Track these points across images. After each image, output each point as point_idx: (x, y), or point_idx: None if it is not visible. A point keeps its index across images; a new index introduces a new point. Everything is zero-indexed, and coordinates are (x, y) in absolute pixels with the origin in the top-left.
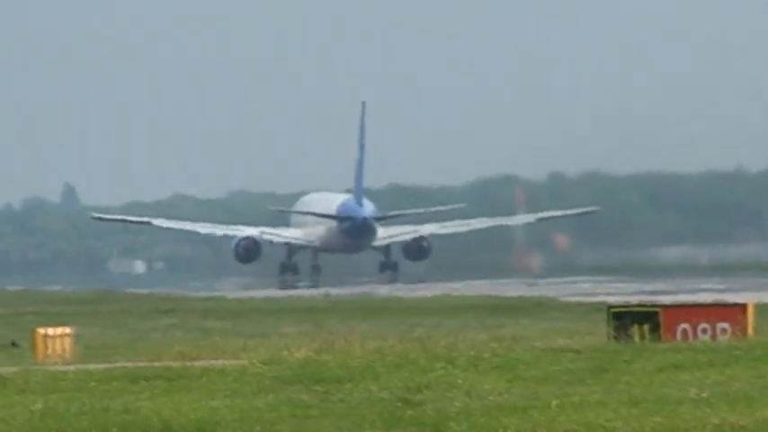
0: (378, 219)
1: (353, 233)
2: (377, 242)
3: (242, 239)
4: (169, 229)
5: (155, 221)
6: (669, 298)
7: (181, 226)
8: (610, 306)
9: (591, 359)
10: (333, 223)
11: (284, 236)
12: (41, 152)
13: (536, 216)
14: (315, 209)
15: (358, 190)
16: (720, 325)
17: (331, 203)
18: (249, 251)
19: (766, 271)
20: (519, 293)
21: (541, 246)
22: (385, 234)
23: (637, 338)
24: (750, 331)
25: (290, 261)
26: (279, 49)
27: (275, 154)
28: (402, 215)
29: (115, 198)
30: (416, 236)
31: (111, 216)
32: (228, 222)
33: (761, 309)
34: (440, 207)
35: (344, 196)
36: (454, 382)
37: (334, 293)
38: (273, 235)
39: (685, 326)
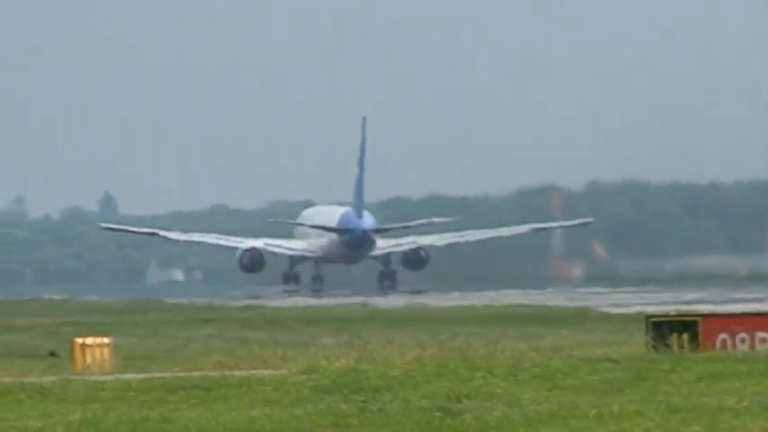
0: (377, 231)
1: (353, 244)
2: (376, 252)
3: (246, 250)
4: (176, 241)
5: (161, 233)
6: (707, 307)
7: (186, 237)
8: (648, 316)
9: (629, 369)
10: (334, 235)
11: (287, 247)
12: (80, 162)
13: (530, 227)
14: (317, 221)
15: (358, 203)
16: (760, 334)
17: (332, 216)
18: (254, 261)
19: None
20: (557, 303)
21: (579, 255)
22: (384, 245)
23: (675, 348)
24: None
25: (293, 271)
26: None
27: (312, 163)
28: (402, 227)
29: (154, 208)
30: (414, 246)
31: (118, 227)
32: (268, 233)
33: None
34: (442, 219)
35: (345, 209)
36: (494, 392)
37: (372, 303)
38: (276, 246)
39: (724, 335)
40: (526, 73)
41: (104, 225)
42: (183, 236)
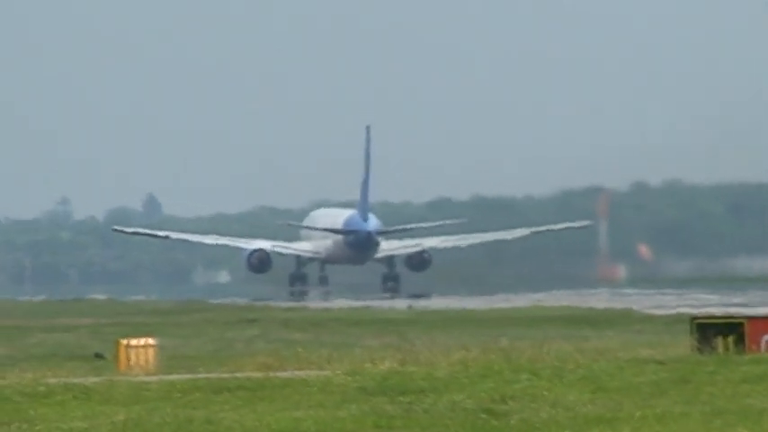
0: (381, 233)
1: (358, 246)
2: (380, 254)
3: (254, 251)
4: (189, 243)
5: (173, 235)
6: (753, 309)
7: (199, 239)
8: (693, 317)
9: (674, 370)
10: (339, 237)
11: (293, 248)
12: (124, 164)
13: (531, 230)
14: (322, 223)
15: (363, 205)
16: None
17: (337, 218)
18: (262, 262)
19: None
20: (601, 304)
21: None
22: (388, 247)
23: (720, 350)
24: None
25: (299, 272)
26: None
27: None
28: (405, 230)
29: (199, 209)
30: (418, 249)
31: (130, 229)
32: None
33: None
34: (444, 221)
35: (350, 211)
36: (539, 394)
37: (417, 305)
38: (283, 247)
39: None
40: (571, 73)
41: (115, 227)
42: (194, 237)
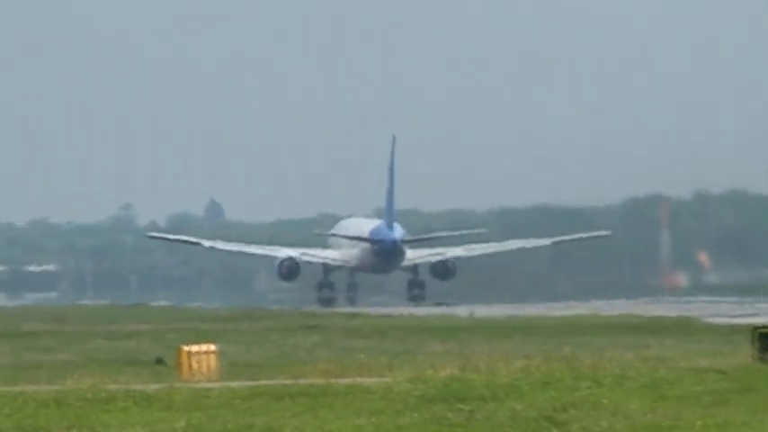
0: (406, 241)
1: (384, 254)
2: (406, 263)
3: (284, 260)
4: (216, 250)
5: (204, 243)
6: None
7: (229, 247)
8: (755, 326)
9: (735, 380)
10: (366, 245)
11: (322, 256)
12: (187, 169)
13: (552, 240)
14: (350, 232)
15: (389, 215)
16: None
17: (364, 227)
18: (291, 270)
19: None
20: (662, 313)
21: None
22: (413, 255)
23: None
24: None
25: (327, 279)
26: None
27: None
28: (430, 238)
29: (263, 215)
30: (443, 258)
31: (163, 235)
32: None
33: None
34: (466, 231)
35: (377, 221)
36: (599, 402)
37: (478, 313)
38: (312, 256)
39: None
40: (634, 81)
41: (150, 234)
42: (226, 245)
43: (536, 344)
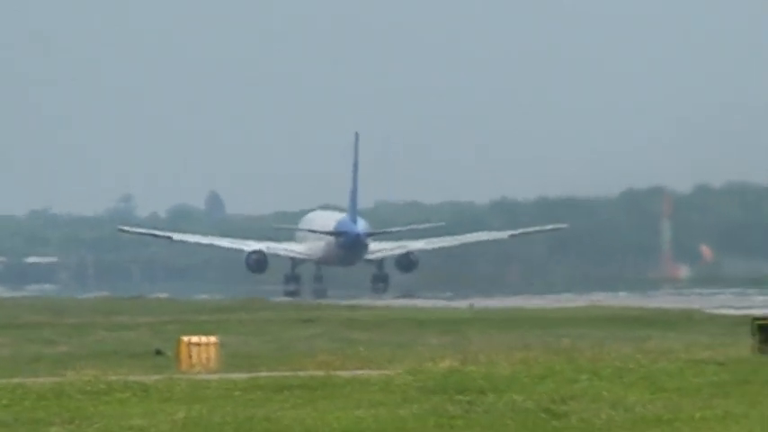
0: (369, 235)
1: (348, 247)
2: (370, 256)
3: (252, 252)
4: (187, 243)
5: (175, 236)
6: None
7: (198, 240)
8: (754, 318)
9: (735, 371)
10: (331, 239)
11: (288, 250)
12: (186, 161)
13: (508, 233)
14: (315, 226)
15: (352, 209)
16: None
17: (329, 221)
18: (259, 263)
19: None
20: (663, 305)
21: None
22: (377, 248)
23: None
24: None
25: (294, 272)
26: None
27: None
28: (391, 232)
29: (261, 207)
30: (405, 251)
31: (133, 229)
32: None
33: None
34: (425, 224)
35: (341, 215)
36: (599, 394)
37: (477, 305)
38: (279, 249)
39: None
40: (634, 73)
41: (121, 227)
42: (197, 239)
43: (536, 336)
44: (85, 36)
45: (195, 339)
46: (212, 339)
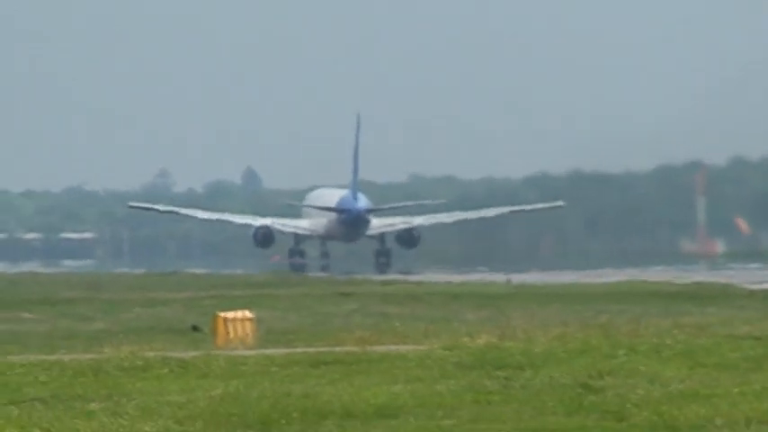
0: (370, 211)
1: (350, 223)
2: (372, 231)
3: (259, 228)
4: (194, 218)
5: (181, 211)
6: None
7: (206, 215)
8: None
9: None
10: (333, 215)
11: (292, 225)
12: (223, 136)
13: (509, 209)
14: (319, 203)
15: (354, 185)
16: None
17: (332, 198)
18: (266, 237)
19: None
20: (700, 279)
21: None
22: (379, 224)
23: None
24: None
25: (298, 247)
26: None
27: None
28: (393, 208)
29: (296, 182)
30: (407, 226)
31: (141, 204)
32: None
33: None
34: (426, 201)
35: (344, 191)
36: (636, 369)
37: (515, 280)
38: (284, 225)
39: None
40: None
41: (130, 204)
42: (203, 214)
43: (574, 311)
44: (123, 10)
45: (231, 315)
46: (248, 314)
